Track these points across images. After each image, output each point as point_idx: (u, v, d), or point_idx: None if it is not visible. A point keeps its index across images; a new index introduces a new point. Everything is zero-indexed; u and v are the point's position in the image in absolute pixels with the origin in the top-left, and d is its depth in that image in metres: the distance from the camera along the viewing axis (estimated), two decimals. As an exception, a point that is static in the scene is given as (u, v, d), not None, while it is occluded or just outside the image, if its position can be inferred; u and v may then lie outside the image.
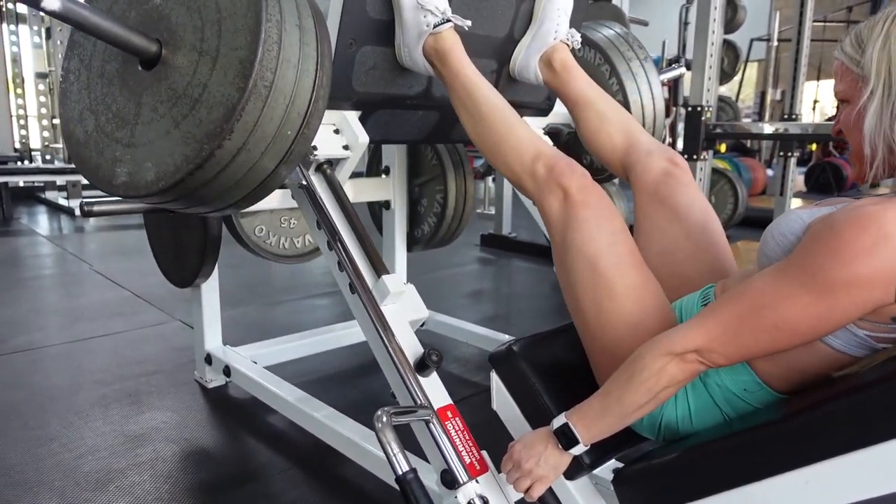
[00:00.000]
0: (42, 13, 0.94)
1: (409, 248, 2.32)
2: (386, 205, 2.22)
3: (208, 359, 1.91)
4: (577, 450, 0.96)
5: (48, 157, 5.97)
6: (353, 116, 1.33)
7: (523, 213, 4.90)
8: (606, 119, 1.29)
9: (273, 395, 1.64)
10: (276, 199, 1.54)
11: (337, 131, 1.32)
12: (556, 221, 1.03)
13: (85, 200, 1.50)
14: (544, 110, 1.75)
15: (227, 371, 1.83)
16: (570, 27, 1.42)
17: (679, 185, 1.17)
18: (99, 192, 1.13)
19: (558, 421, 0.97)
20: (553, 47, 1.40)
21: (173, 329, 2.50)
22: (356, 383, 2.05)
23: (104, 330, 2.47)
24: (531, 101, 1.68)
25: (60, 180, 5.71)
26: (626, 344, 0.98)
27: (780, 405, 0.92)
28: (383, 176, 2.21)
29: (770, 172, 7.29)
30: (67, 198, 5.59)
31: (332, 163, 1.32)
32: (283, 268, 3.51)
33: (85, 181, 5.57)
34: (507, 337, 2.18)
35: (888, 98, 0.79)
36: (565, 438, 0.95)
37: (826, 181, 7.26)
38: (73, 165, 5.41)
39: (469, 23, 1.22)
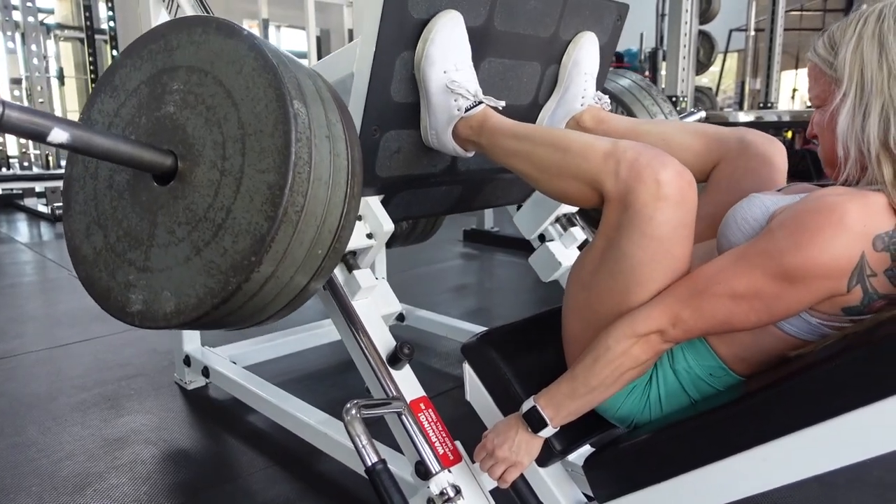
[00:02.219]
0: (50, 144, 0.90)
1: (388, 245, 2.32)
2: (363, 202, 2.22)
3: (187, 360, 1.91)
4: (547, 432, 0.97)
5: (25, 163, 5.90)
6: (376, 202, 1.24)
7: (505, 207, 4.91)
8: (669, 134, 1.19)
9: (252, 394, 1.64)
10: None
11: (360, 218, 1.23)
12: (622, 223, 0.87)
13: (57, 205, 1.49)
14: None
15: (205, 372, 1.83)
16: (597, 88, 1.36)
17: (771, 181, 1.08)
18: None
19: (527, 405, 0.98)
20: (581, 112, 1.33)
21: (154, 332, 2.48)
22: (336, 381, 2.06)
23: (84, 335, 2.45)
24: None
25: (39, 187, 5.65)
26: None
27: (740, 386, 0.94)
28: (360, 173, 2.21)
29: (750, 161, 7.34)
30: (47, 204, 5.53)
31: (356, 253, 1.24)
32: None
33: (64, 187, 5.52)
34: (481, 328, 2.19)
35: (860, 100, 0.79)
36: (534, 421, 0.96)
37: (805, 168, 7.32)
38: (50, 172, 5.38)
39: (502, 103, 1.13)
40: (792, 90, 9.50)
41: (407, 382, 1.16)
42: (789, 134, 6.94)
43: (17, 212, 5.99)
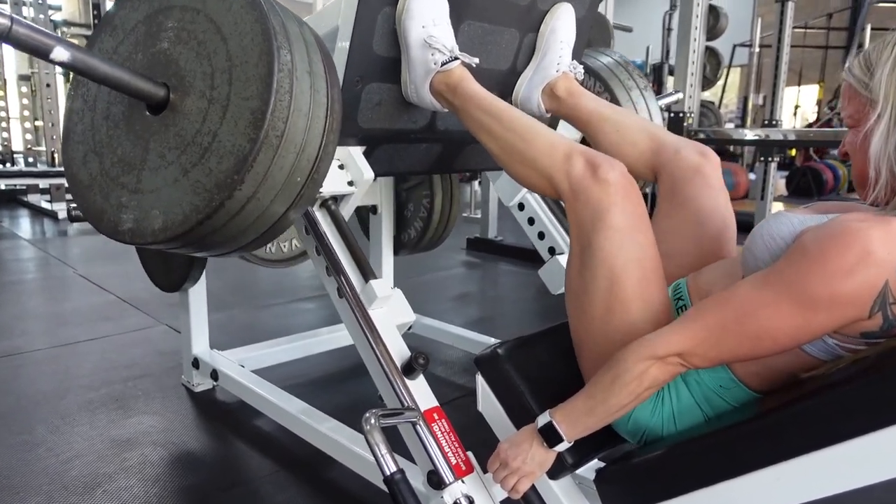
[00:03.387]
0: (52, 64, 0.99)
1: (396, 252, 2.34)
2: (373, 209, 2.24)
3: (195, 363, 1.92)
4: (561, 447, 0.98)
5: (31, 159, 5.91)
6: (357, 152, 1.31)
7: (509, 216, 4.94)
8: (625, 126, 1.26)
9: (261, 398, 1.65)
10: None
11: (342, 167, 1.30)
12: (586, 222, 0.98)
13: (73, 205, 1.51)
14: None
15: (214, 375, 1.84)
16: (573, 58, 1.41)
17: (706, 186, 1.15)
18: None
19: (543, 419, 0.99)
20: (556, 78, 1.39)
21: (160, 333, 2.50)
22: (344, 387, 2.07)
23: (90, 334, 2.46)
24: None
25: (43, 183, 5.65)
26: (619, 346, 0.99)
27: (753, 404, 0.95)
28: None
29: (752, 176, 7.40)
30: (51, 201, 5.54)
31: (337, 199, 1.31)
32: (268, 272, 3.51)
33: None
34: (492, 340, 2.21)
35: (895, 122, 0.79)
36: (550, 436, 0.98)
37: (807, 185, 7.37)
38: (56, 169, 5.38)
39: (476, 60, 1.21)
40: (794, 107, 9.57)
41: (421, 392, 1.17)
42: (793, 152, 6.99)
43: (21, 208, 6.00)
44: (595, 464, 1.34)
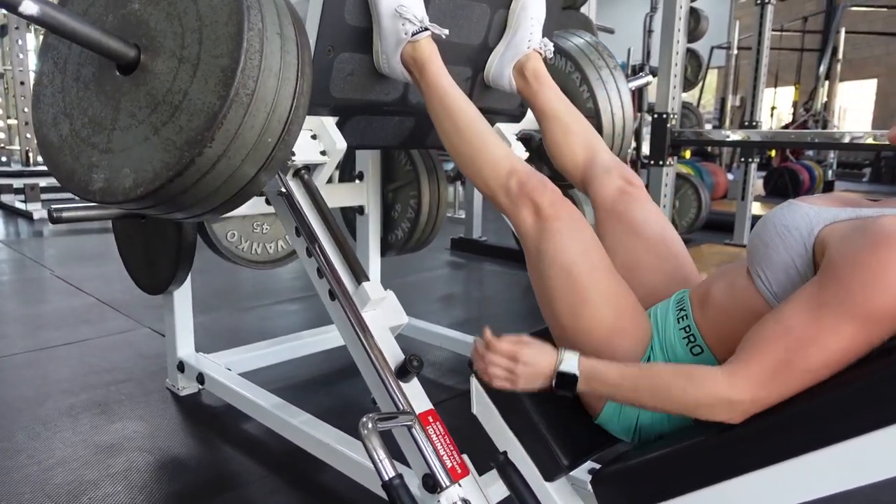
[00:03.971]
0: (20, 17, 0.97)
1: (383, 253, 2.32)
2: (360, 210, 2.23)
3: (181, 366, 1.89)
4: (562, 393, 0.96)
5: (4, 158, 5.78)
6: (330, 122, 1.34)
7: (493, 216, 4.96)
8: (571, 133, 1.33)
9: (249, 402, 1.63)
10: (249, 205, 1.53)
11: (314, 137, 1.33)
12: (529, 233, 1.06)
13: (54, 207, 1.47)
14: (517, 117, 1.78)
15: (200, 378, 1.81)
16: (543, 36, 1.46)
17: (634, 202, 1.21)
18: (60, 196, 1.10)
19: (568, 364, 0.95)
20: (526, 56, 1.43)
21: (142, 336, 2.45)
22: (331, 389, 2.05)
23: (69, 338, 2.41)
24: (505, 107, 1.71)
25: (17, 183, 5.53)
26: (602, 349, 1.00)
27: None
28: (357, 181, 2.22)
29: (731, 177, 7.50)
30: (25, 201, 5.42)
31: (310, 168, 1.33)
32: (252, 274, 3.47)
33: (43, 184, 5.41)
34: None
35: None
36: (564, 381, 0.95)
37: (784, 185, 7.49)
38: (30, 168, 5.27)
39: (446, 31, 1.25)
40: (771, 108, 9.72)
41: (416, 395, 1.17)
42: (772, 153, 7.09)
43: (-6, 208, 5.86)
44: (587, 465, 1.35)
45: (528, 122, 1.79)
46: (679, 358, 0.99)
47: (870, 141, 2.53)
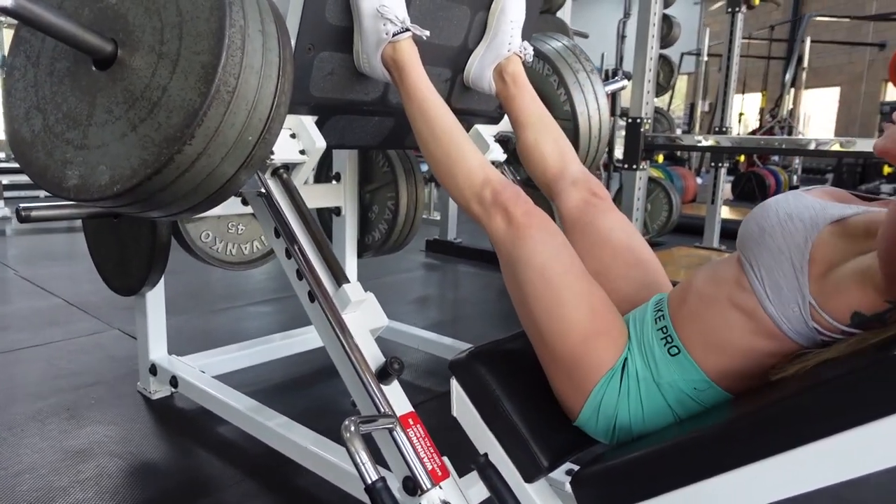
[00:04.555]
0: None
1: (360, 255, 2.31)
2: (337, 211, 2.21)
3: (153, 369, 1.85)
4: None
5: (-35, 156, 5.60)
6: (309, 121, 1.33)
7: (468, 218, 4.93)
8: (543, 142, 1.34)
9: (224, 405, 1.61)
10: (224, 205, 1.51)
11: (293, 136, 1.32)
12: (502, 240, 1.07)
13: (23, 205, 1.43)
14: (495, 118, 1.79)
15: (174, 381, 1.78)
16: (523, 39, 1.47)
17: (599, 213, 1.23)
18: (25, 194, 1.08)
19: None
20: (507, 59, 1.44)
21: (111, 338, 2.40)
22: (307, 392, 2.03)
23: (36, 340, 2.34)
24: (483, 109, 1.72)
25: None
26: (578, 350, 1.01)
27: (726, 406, 0.97)
28: (334, 182, 2.20)
29: (699, 181, 7.64)
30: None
31: (289, 167, 1.32)
32: (223, 274, 3.43)
33: (6, 182, 5.26)
34: (457, 342, 2.21)
35: None
36: None
37: (751, 189, 7.67)
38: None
39: (427, 33, 1.25)
40: (739, 114, 9.92)
41: (396, 397, 1.16)
42: (742, 158, 7.26)
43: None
44: (564, 466, 1.36)
45: (507, 123, 1.80)
46: (657, 358, 1.00)
47: (836, 148, 2.60)
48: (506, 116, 1.79)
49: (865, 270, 0.81)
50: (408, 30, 1.23)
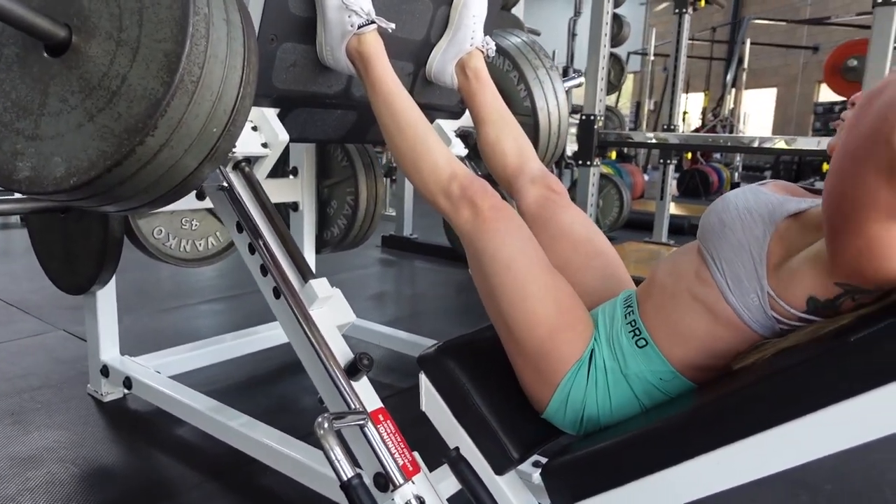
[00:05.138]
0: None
1: (318, 251, 2.28)
2: (294, 206, 2.18)
3: (105, 370, 1.78)
4: None
5: None
6: (271, 114, 1.31)
7: (424, 214, 4.96)
8: (503, 139, 1.36)
9: (183, 405, 1.56)
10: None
11: (255, 128, 1.29)
12: (469, 233, 1.08)
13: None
14: (457, 113, 1.79)
15: (127, 383, 1.72)
16: (484, 35, 1.47)
17: (558, 208, 1.25)
18: None
19: None
20: (469, 54, 1.44)
21: (56, 339, 2.30)
22: (266, 390, 1.99)
23: (-28, 342, 2.23)
24: (445, 104, 1.72)
25: None
26: (546, 343, 1.03)
27: (690, 396, 1.00)
28: (291, 177, 2.16)
29: (646, 178, 7.85)
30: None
31: (250, 160, 1.29)
32: (172, 272, 3.33)
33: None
34: (418, 338, 2.21)
35: None
36: None
37: (695, 186, 7.92)
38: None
39: (393, 25, 1.24)
40: (682, 113, 10.24)
41: (366, 393, 1.15)
42: (689, 155, 7.48)
43: None
44: (531, 458, 1.38)
45: (468, 119, 1.81)
46: (624, 350, 1.02)
47: (780, 145, 2.71)
48: (467, 112, 1.80)
49: (817, 254, 0.85)
50: (373, 22, 1.22)
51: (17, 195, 1.33)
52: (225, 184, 1.24)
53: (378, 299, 3.20)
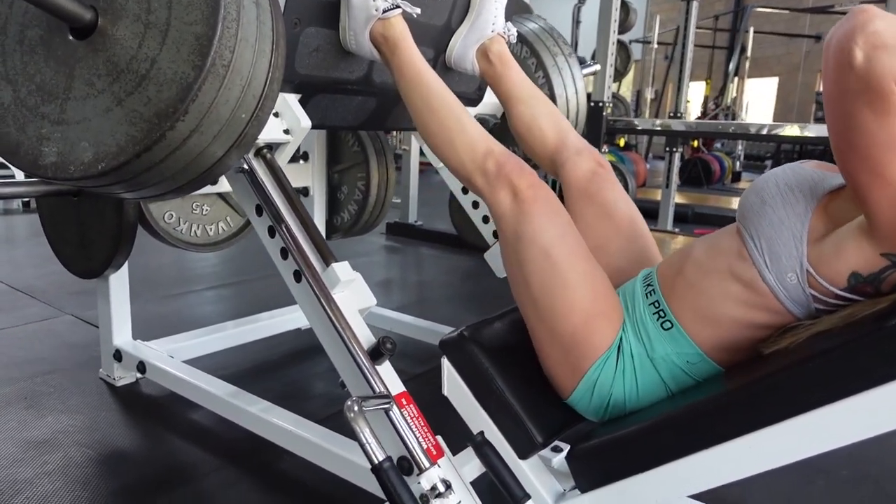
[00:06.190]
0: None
1: (328, 237, 2.27)
2: (304, 192, 2.16)
3: (118, 355, 1.78)
4: None
5: None
6: (293, 99, 1.29)
7: (429, 201, 4.94)
8: (538, 115, 1.33)
9: (199, 390, 1.55)
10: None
11: (276, 114, 1.27)
12: (506, 216, 1.06)
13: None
14: (474, 100, 1.77)
15: (141, 367, 1.71)
16: (506, 20, 1.45)
17: (605, 183, 1.23)
18: None
19: None
20: (491, 39, 1.43)
21: (65, 324, 2.29)
22: (277, 375, 1.99)
23: (-19, 327, 2.21)
24: (463, 90, 1.70)
25: None
26: (579, 332, 1.02)
27: (718, 379, 1.00)
28: (301, 162, 2.15)
29: (647, 166, 7.83)
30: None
31: (272, 147, 1.27)
32: (177, 258, 3.32)
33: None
34: (428, 323, 2.20)
35: None
36: None
37: (697, 174, 7.90)
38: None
39: (418, 10, 1.22)
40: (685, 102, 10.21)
41: (389, 377, 1.15)
42: (695, 143, 7.46)
43: None
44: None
45: (485, 106, 1.79)
46: (650, 333, 1.02)
47: (788, 132, 2.70)
48: (485, 99, 1.78)
49: (859, 227, 0.83)
50: (398, 6, 1.20)
51: (24, 178, 1.31)
52: (245, 166, 1.23)
53: (384, 286, 3.19)
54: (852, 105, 0.74)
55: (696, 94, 11.09)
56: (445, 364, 1.18)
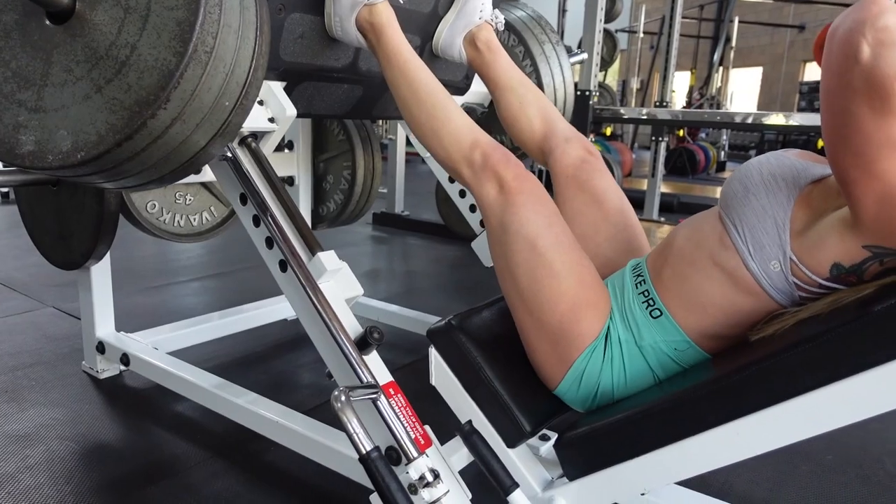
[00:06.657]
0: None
1: (314, 227, 2.25)
2: (289, 181, 2.14)
3: (101, 347, 1.75)
4: None
5: None
6: (278, 87, 1.27)
7: (415, 191, 4.92)
8: (527, 103, 1.33)
9: (185, 382, 1.54)
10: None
11: (261, 103, 1.25)
12: (493, 207, 1.05)
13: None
14: (462, 89, 1.76)
15: (125, 359, 1.69)
16: (493, 7, 1.44)
17: (594, 171, 1.23)
18: None
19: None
20: (478, 27, 1.41)
21: (46, 316, 2.25)
22: (263, 366, 1.97)
23: (-40, 320, 2.17)
24: (450, 79, 1.69)
25: None
26: (565, 322, 1.02)
27: (705, 367, 1.00)
28: (286, 151, 2.13)
29: (633, 156, 7.86)
30: None
31: (257, 136, 1.25)
32: (157, 249, 3.28)
33: None
34: (415, 313, 2.19)
35: None
36: None
37: (682, 164, 7.94)
38: None
39: None
40: (670, 91, 10.24)
41: (376, 367, 1.14)
42: (681, 132, 7.50)
43: None
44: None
45: (473, 94, 1.78)
46: (638, 321, 1.02)
47: (772, 121, 2.71)
48: (472, 87, 1.77)
49: (842, 219, 0.83)
50: None
51: (1, 167, 1.28)
52: (228, 154, 1.21)
53: (371, 276, 3.17)
54: (851, 101, 0.73)
55: (681, 84, 11.14)
56: (433, 353, 1.17)
